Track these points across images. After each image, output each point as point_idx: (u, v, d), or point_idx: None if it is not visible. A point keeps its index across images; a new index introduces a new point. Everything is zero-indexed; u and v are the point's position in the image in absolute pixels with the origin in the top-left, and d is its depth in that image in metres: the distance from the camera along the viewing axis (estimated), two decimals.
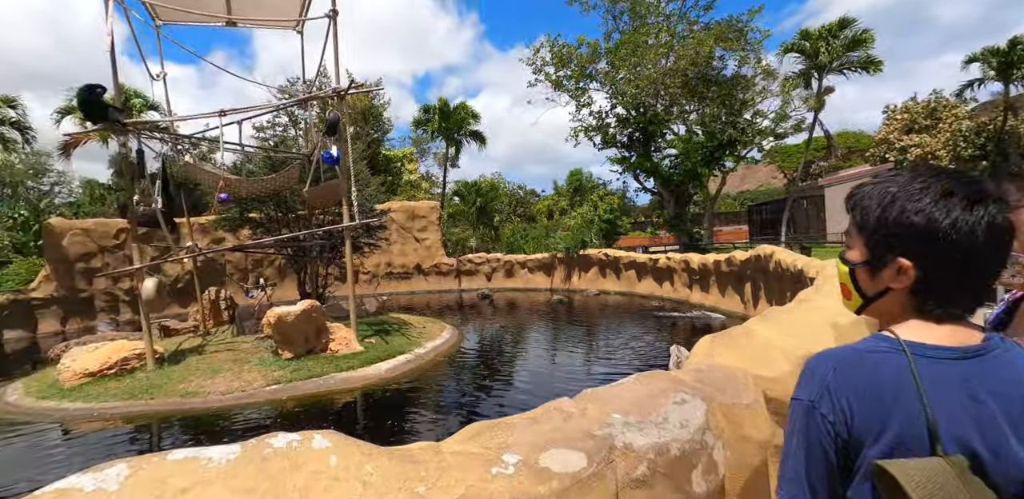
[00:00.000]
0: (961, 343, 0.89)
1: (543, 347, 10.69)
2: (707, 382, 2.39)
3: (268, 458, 1.51)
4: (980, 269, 0.88)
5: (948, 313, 0.92)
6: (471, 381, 8.05)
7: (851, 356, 0.94)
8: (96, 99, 7.58)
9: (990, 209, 0.86)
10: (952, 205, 0.87)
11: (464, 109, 25.73)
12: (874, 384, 0.89)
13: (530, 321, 14.20)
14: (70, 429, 6.62)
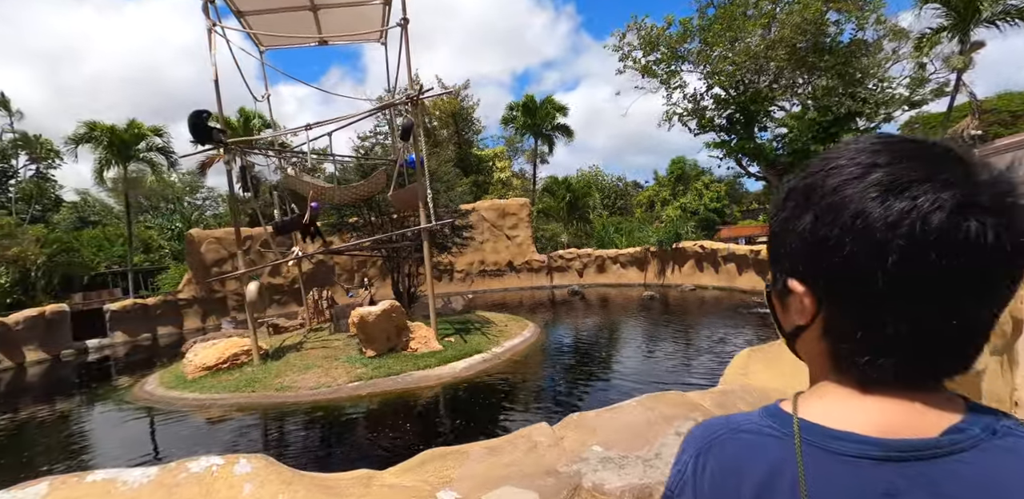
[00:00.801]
0: (897, 432, 0.52)
1: (624, 347, 10.20)
2: (728, 408, 1.99)
3: (181, 484, 1.45)
4: (932, 301, 0.50)
5: (877, 377, 0.55)
6: (540, 381, 7.87)
7: (725, 433, 0.62)
8: (202, 123, 8.47)
9: (950, 204, 0.49)
10: (884, 194, 0.51)
11: (550, 104, 25.40)
12: (735, 482, 0.57)
13: (617, 318, 13.68)
14: (187, 416, 7.49)
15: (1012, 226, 0.48)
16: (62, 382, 12.03)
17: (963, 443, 0.50)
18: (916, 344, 0.52)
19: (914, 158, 0.52)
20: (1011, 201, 0.49)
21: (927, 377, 0.54)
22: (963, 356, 0.53)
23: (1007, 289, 0.51)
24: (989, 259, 0.48)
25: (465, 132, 24.09)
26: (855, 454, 0.51)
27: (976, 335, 0.53)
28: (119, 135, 18.76)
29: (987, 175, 0.50)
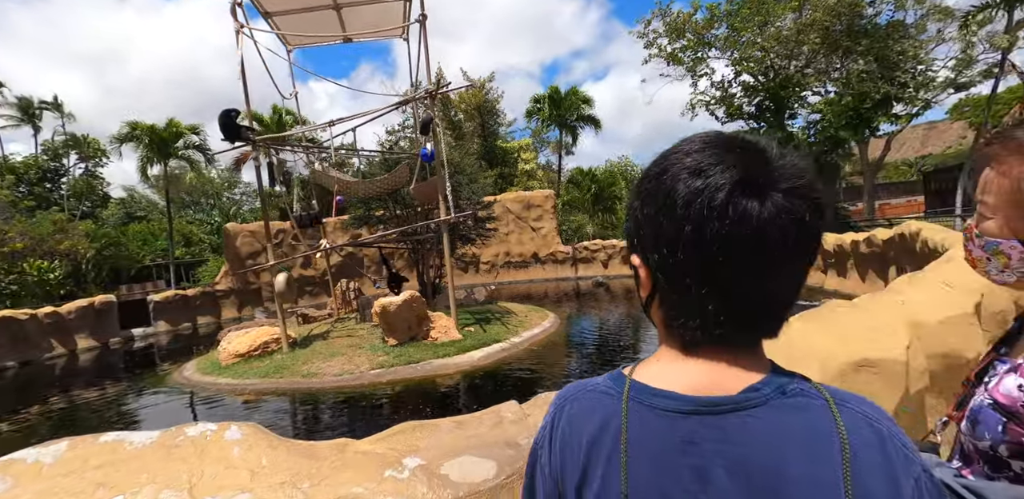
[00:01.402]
0: (704, 389, 0.61)
1: (643, 337, 10.21)
2: None
3: (179, 445, 1.64)
4: (724, 269, 0.57)
5: (694, 339, 0.63)
6: (556, 370, 7.99)
7: (578, 393, 0.73)
8: (231, 122, 8.83)
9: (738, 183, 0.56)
10: (688, 176, 0.59)
11: (575, 94, 25.20)
12: (578, 433, 0.68)
13: (639, 310, 13.63)
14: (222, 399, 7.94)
15: (785, 205, 0.55)
16: (111, 368, 12.82)
17: (755, 400, 0.57)
18: (717, 309, 0.59)
19: (719, 148, 0.60)
20: (787, 185, 0.56)
21: (732, 340, 0.61)
22: (763, 322, 0.61)
23: (792, 262, 0.58)
24: (766, 232, 0.55)
25: (490, 124, 24.18)
26: (669, 409, 0.60)
27: (774, 303, 0.60)
28: (159, 134, 19.62)
29: (774, 162, 0.58)
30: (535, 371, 8.03)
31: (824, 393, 0.59)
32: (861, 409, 0.58)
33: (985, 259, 0.89)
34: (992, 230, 0.85)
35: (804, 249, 0.59)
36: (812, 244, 0.59)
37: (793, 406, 0.58)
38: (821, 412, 0.57)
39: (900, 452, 0.56)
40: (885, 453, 0.55)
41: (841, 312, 2.62)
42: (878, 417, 0.58)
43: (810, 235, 0.58)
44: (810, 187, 0.58)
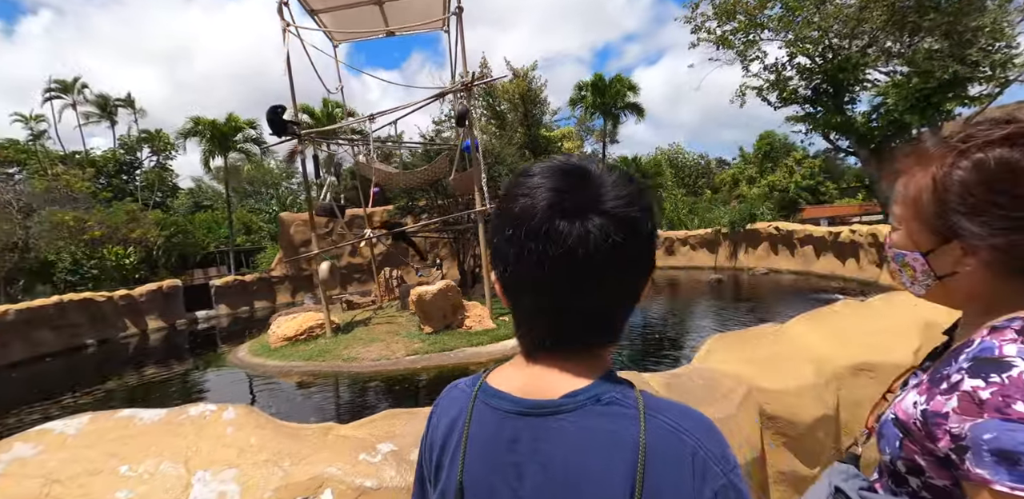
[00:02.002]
0: (532, 393, 0.67)
1: (681, 331, 10.03)
2: (676, 389, 2.08)
3: (182, 423, 1.83)
4: (545, 284, 0.62)
5: (532, 347, 0.69)
6: None
7: (448, 391, 0.81)
8: (278, 117, 9.26)
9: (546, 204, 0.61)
10: (520, 197, 0.65)
11: (620, 82, 24.59)
12: (439, 428, 0.77)
13: (680, 302, 13.39)
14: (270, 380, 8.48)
15: (599, 226, 0.60)
16: (177, 347, 13.88)
17: (570, 405, 0.63)
18: (548, 322, 0.66)
19: (549, 173, 0.66)
20: (603, 207, 0.61)
21: (564, 349, 0.67)
22: (591, 332, 0.67)
23: (612, 278, 0.62)
24: (577, 251, 0.59)
25: (534, 113, 24.06)
26: (502, 409, 0.68)
27: (599, 315, 0.65)
28: (219, 128, 20.77)
29: (593, 186, 0.63)
30: None
31: (640, 403, 0.63)
32: (674, 421, 0.62)
33: (898, 271, 0.88)
34: (899, 242, 0.85)
35: (624, 266, 0.63)
36: (632, 261, 0.63)
37: (602, 413, 0.62)
38: (628, 421, 0.61)
39: (705, 464, 0.59)
40: (684, 464, 0.59)
41: (846, 313, 2.54)
42: (692, 429, 0.62)
43: (628, 253, 0.62)
44: (627, 209, 0.62)
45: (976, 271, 0.75)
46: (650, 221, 0.65)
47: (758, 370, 2.17)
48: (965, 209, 0.72)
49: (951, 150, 0.75)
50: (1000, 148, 0.70)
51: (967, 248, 0.74)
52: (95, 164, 27.57)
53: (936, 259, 0.79)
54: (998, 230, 0.69)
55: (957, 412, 0.66)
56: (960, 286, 0.80)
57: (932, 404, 0.70)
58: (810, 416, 2.05)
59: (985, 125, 0.74)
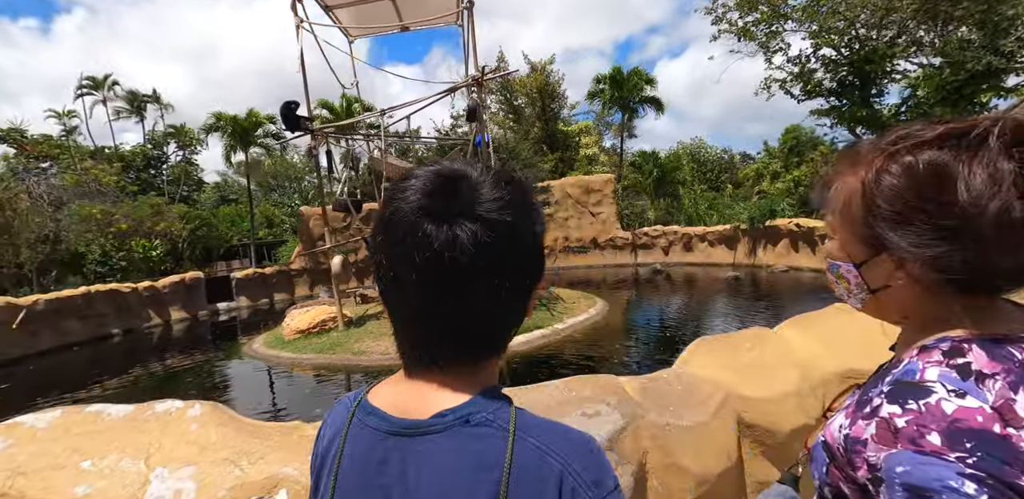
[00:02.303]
0: (404, 411, 0.64)
1: (692, 329, 9.88)
2: (651, 394, 2.03)
3: (147, 419, 1.85)
4: (415, 290, 0.59)
5: (410, 361, 0.66)
6: (593, 358, 7.94)
7: (337, 404, 0.79)
8: (290, 113, 9.36)
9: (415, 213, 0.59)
10: (391, 201, 0.63)
11: (638, 75, 24.17)
12: (321, 443, 0.75)
13: (696, 299, 13.19)
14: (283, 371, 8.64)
15: (468, 230, 0.57)
16: (199, 338, 14.24)
17: (438, 426, 0.60)
18: (422, 332, 0.63)
19: (425, 177, 0.63)
20: (475, 211, 0.58)
21: (441, 363, 0.63)
22: (468, 345, 0.63)
23: (484, 285, 0.59)
24: (444, 256, 0.56)
25: (552, 108, 23.87)
26: (376, 427, 0.65)
27: (475, 326, 0.62)
28: (240, 124, 21.11)
29: (465, 190, 0.60)
30: (568, 360, 8.02)
31: (511, 424, 0.60)
32: (544, 443, 0.59)
33: (834, 283, 0.83)
34: (833, 252, 0.80)
35: (499, 272, 0.59)
36: (508, 267, 0.60)
37: (470, 435, 0.59)
38: (495, 443, 0.58)
39: (574, 490, 0.56)
40: (549, 488, 0.56)
41: (838, 316, 2.44)
42: (562, 451, 0.59)
43: (502, 259, 0.59)
44: (500, 212, 0.58)
45: (908, 286, 0.69)
46: (529, 226, 0.62)
47: (739, 376, 2.10)
48: (893, 218, 0.65)
49: (881, 152, 0.69)
50: (931, 150, 0.64)
51: (897, 261, 0.68)
52: (124, 159, 28.35)
53: (869, 271, 0.73)
54: (926, 242, 0.63)
55: (874, 440, 0.61)
56: (893, 301, 0.74)
57: (854, 429, 0.65)
58: (790, 425, 1.98)
59: (920, 125, 0.68)
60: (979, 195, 0.58)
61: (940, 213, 0.61)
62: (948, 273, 0.63)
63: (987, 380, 0.59)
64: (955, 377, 0.60)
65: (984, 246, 0.59)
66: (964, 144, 0.62)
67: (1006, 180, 0.58)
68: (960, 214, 0.59)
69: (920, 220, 0.62)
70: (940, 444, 0.55)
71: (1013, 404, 0.57)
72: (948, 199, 0.60)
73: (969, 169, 0.61)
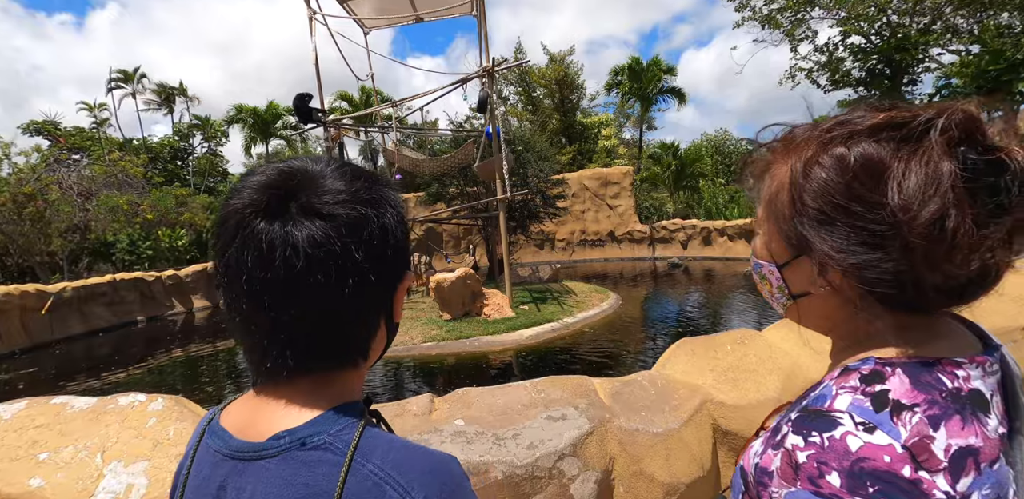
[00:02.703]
0: (243, 432, 0.58)
1: (705, 325, 9.70)
2: (623, 398, 1.96)
3: (108, 412, 1.85)
4: (253, 294, 0.54)
5: (256, 374, 0.60)
6: (600, 353, 7.85)
7: (203, 417, 0.74)
8: (303, 105, 9.41)
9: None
10: (227, 200, 0.58)
11: (656, 65, 23.63)
12: (183, 459, 0.69)
13: (712, 294, 12.95)
14: None
15: (306, 228, 0.52)
16: (218, 327, 14.57)
17: (273, 450, 0.54)
18: (263, 341, 0.56)
19: (265, 172, 0.58)
20: (316, 209, 0.53)
21: (286, 376, 0.58)
22: (312, 355, 0.57)
23: (324, 289, 0.53)
24: (275, 256, 0.52)
25: (571, 99, 23.55)
26: (217, 449, 0.60)
27: (317, 333, 0.56)
28: (261, 116, 21.37)
29: (306, 184, 0.55)
30: (577, 355, 7.94)
31: (351, 448, 0.54)
32: (384, 469, 0.54)
33: (759, 283, 0.75)
34: (757, 249, 0.72)
35: (342, 273, 0.54)
36: (353, 268, 0.55)
37: (304, 461, 0.54)
38: (330, 469, 0.53)
39: None
40: None
41: None
42: (404, 480, 0.53)
43: (343, 259, 0.54)
44: (343, 207, 0.54)
45: (831, 295, 0.61)
46: (378, 222, 0.57)
47: (718, 381, 2.01)
48: (818, 216, 0.57)
49: (815, 140, 0.60)
50: (867, 142, 0.55)
51: (820, 266, 0.59)
52: (152, 150, 29.02)
53: (791, 274, 0.66)
54: (850, 247, 0.54)
55: (779, 474, 0.54)
56: (816, 310, 0.66)
57: (763, 458, 0.58)
58: None
59: (863, 110, 0.59)
60: (911, 198, 0.50)
61: (869, 216, 0.53)
62: (872, 286, 0.55)
63: (904, 413, 0.51)
64: (867, 407, 0.52)
65: (913, 257, 0.51)
66: (903, 137, 0.53)
67: (943, 183, 0.49)
68: (889, 219, 0.51)
69: (846, 222, 0.54)
70: (839, 486, 0.48)
71: (930, 443, 0.49)
72: (878, 200, 0.52)
73: (905, 167, 0.52)
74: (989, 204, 0.50)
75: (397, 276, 0.62)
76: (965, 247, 0.49)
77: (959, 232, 0.48)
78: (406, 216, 0.66)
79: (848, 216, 0.54)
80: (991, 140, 0.52)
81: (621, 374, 6.35)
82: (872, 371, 0.55)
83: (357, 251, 0.54)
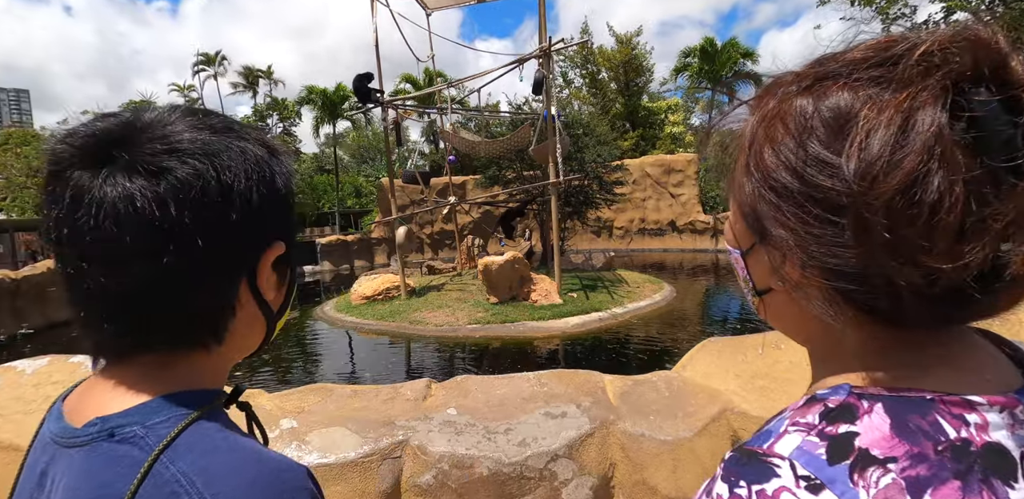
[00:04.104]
0: (71, 414, 0.51)
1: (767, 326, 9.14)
2: (632, 399, 1.79)
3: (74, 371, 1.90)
4: (74, 266, 0.47)
5: (90, 349, 0.52)
6: (647, 347, 7.57)
7: None
8: (362, 86, 9.55)
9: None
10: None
11: (733, 47, 22.05)
12: None
13: None
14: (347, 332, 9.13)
15: (120, 183, 0.45)
16: None
17: (82, 438, 0.48)
18: (83, 311, 0.50)
19: (99, 118, 0.50)
20: (136, 160, 0.46)
21: (113, 353, 0.51)
22: (143, 334, 0.49)
23: (145, 257, 0.46)
24: (88, 212, 0.44)
25: (636, 82, 22.62)
26: (47, 431, 0.54)
27: (149, 310, 0.48)
28: (329, 97, 22.09)
29: (146, 129, 0.48)
30: (623, 347, 7.70)
31: (161, 444, 0.45)
32: (189, 475, 0.44)
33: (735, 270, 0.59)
34: (726, 231, 0.57)
35: (161, 241, 0.46)
36: (184, 232, 0.46)
37: (108, 455, 0.46)
38: (127, 470, 0.44)
39: None
40: None
41: None
42: (214, 487, 0.43)
43: (160, 223, 0.45)
44: (173, 161, 0.46)
45: (792, 293, 0.45)
46: (217, 180, 0.48)
47: (743, 388, 1.80)
48: (771, 184, 0.41)
49: (780, 89, 0.44)
50: (839, 87, 0.39)
51: (780, 253, 0.43)
52: None
53: (754, 263, 0.50)
54: (803, 225, 0.39)
55: None
56: (782, 313, 0.50)
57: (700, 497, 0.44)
58: None
59: (868, 44, 0.42)
60: (873, 158, 0.34)
61: (826, 184, 0.37)
62: (833, 280, 0.39)
63: (871, 469, 0.35)
64: (819, 455, 0.37)
65: (871, 243, 0.35)
66: (896, 76, 0.36)
67: (922, 134, 0.33)
68: (845, 188, 0.35)
69: (800, 192, 0.39)
70: None
71: None
72: (835, 162, 0.36)
73: (875, 117, 0.35)
74: (1001, 166, 0.32)
75: (252, 245, 0.52)
76: (954, 230, 0.32)
77: (943, 206, 0.32)
78: (280, 175, 0.56)
79: (803, 184, 0.38)
80: (1016, 74, 0.34)
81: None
82: (841, 404, 0.39)
83: (182, 213, 0.46)
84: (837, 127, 0.37)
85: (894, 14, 14.29)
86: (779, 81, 0.45)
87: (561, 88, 23.98)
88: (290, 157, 0.60)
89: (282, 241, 0.55)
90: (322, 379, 6.88)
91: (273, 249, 0.54)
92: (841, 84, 0.38)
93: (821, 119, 0.38)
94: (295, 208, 0.59)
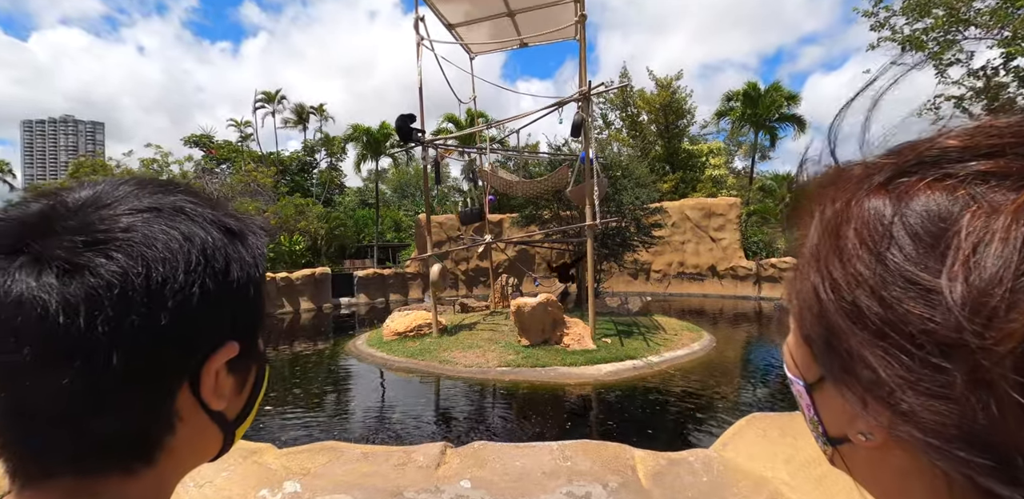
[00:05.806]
0: None
1: None
2: (665, 482, 1.62)
3: None
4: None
5: (16, 472, 0.44)
6: (684, 403, 7.13)
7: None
8: (404, 125, 9.90)
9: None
10: None
11: (776, 90, 21.93)
12: None
13: None
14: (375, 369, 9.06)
15: (26, 282, 0.38)
16: (319, 329, 15.59)
17: None
18: (6, 427, 0.42)
19: (26, 200, 0.45)
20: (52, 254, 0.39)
21: (30, 476, 0.43)
22: (56, 453, 0.41)
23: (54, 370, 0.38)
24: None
25: (677, 125, 22.69)
26: None
27: (60, 426, 0.40)
28: (373, 135, 23.03)
29: (62, 217, 0.41)
30: (658, 402, 7.27)
31: None
32: None
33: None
34: (784, 351, 0.47)
35: (58, 355, 0.38)
36: (82, 347, 0.38)
37: None
38: None
39: None
40: None
41: None
42: None
43: (65, 332, 0.37)
44: (85, 261, 0.38)
45: (886, 451, 0.34)
46: (147, 277, 0.40)
47: (793, 476, 1.60)
48: (844, 308, 0.31)
49: (856, 180, 0.34)
50: (929, 184, 0.30)
51: (860, 395, 0.33)
52: (283, 163, 32.45)
53: (824, 402, 0.38)
54: (899, 373, 0.28)
55: None
56: (866, 472, 0.37)
57: None
58: None
59: (958, 137, 0.33)
60: (988, 285, 0.25)
61: (916, 313, 0.27)
62: (943, 448, 0.28)
63: None
64: None
65: (997, 407, 0.25)
66: (1015, 170, 0.27)
67: None
68: (948, 322, 0.26)
69: (885, 320, 0.29)
70: None
71: None
72: (930, 284, 0.27)
73: (983, 228, 0.27)
74: None
75: (188, 351, 0.43)
76: None
77: None
78: (238, 262, 0.46)
79: (885, 309, 0.28)
80: None
81: (706, 435, 5.66)
82: None
83: (93, 322, 0.38)
84: (929, 238, 0.27)
85: (949, 59, 13.96)
86: (845, 174, 0.37)
87: (601, 130, 24.28)
88: (261, 238, 0.52)
89: (236, 341, 0.46)
90: (342, 421, 6.77)
91: (221, 353, 0.45)
92: (931, 181, 0.29)
93: (905, 226, 0.29)
94: (261, 296, 0.52)
